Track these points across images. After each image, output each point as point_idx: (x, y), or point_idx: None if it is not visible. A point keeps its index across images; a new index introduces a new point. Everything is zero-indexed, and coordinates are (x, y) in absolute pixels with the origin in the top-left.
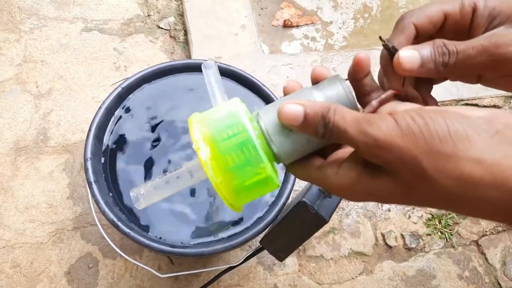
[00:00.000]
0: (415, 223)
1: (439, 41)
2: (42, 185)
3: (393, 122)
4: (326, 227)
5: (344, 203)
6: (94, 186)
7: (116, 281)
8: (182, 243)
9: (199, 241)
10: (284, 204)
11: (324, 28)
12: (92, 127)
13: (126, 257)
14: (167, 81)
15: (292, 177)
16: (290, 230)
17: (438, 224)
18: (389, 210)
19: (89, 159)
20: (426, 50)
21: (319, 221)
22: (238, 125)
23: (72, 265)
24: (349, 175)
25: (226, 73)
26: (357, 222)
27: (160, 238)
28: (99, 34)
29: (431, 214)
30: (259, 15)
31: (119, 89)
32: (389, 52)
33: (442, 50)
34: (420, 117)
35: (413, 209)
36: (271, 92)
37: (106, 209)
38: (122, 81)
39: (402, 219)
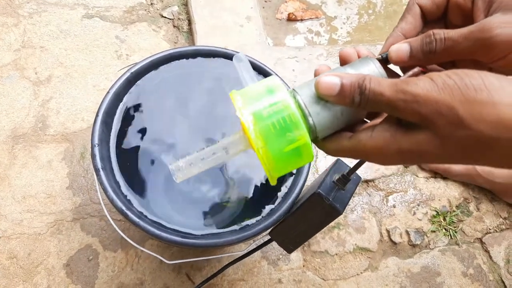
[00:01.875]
0: (420, 219)
1: (429, 32)
2: (40, 174)
3: (430, 80)
4: (331, 223)
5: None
6: (102, 173)
7: (117, 274)
8: (191, 234)
9: (209, 232)
10: (298, 194)
11: (328, 23)
12: (99, 112)
13: (136, 245)
14: (176, 67)
15: (305, 169)
16: (302, 222)
17: (443, 221)
18: (394, 206)
19: (96, 145)
20: (416, 41)
21: (333, 213)
22: (278, 95)
23: (71, 257)
24: (384, 135)
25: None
26: (362, 217)
27: (171, 229)
28: (101, 21)
29: (436, 211)
30: (263, 7)
31: (128, 74)
32: (383, 60)
33: (429, 39)
34: (455, 74)
35: (418, 205)
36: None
37: (115, 197)
38: (132, 65)
39: (407, 215)
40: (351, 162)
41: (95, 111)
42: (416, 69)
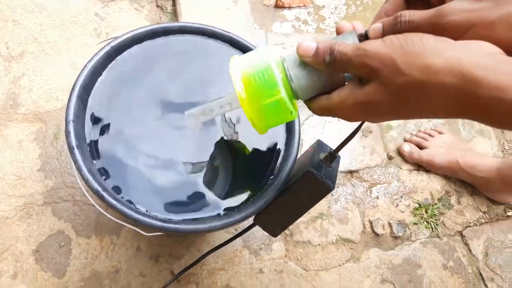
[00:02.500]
0: (403, 211)
1: (397, 13)
2: (9, 154)
3: (380, 40)
4: (314, 213)
5: None
6: (76, 151)
7: (90, 262)
8: (169, 218)
9: (190, 217)
10: (288, 174)
11: (316, 12)
12: (75, 87)
13: (134, 228)
14: (159, 43)
15: (294, 149)
16: (291, 203)
17: (424, 213)
18: (377, 198)
19: (71, 121)
20: (387, 21)
21: (325, 190)
22: (263, 57)
23: (41, 243)
24: (346, 91)
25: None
26: (345, 208)
27: (147, 210)
28: None
29: (418, 204)
30: None
31: (108, 47)
32: (364, 35)
33: (395, 21)
34: (401, 34)
35: (401, 197)
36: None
37: (90, 178)
38: (112, 39)
39: (390, 207)
40: (331, 143)
41: (70, 90)
42: None
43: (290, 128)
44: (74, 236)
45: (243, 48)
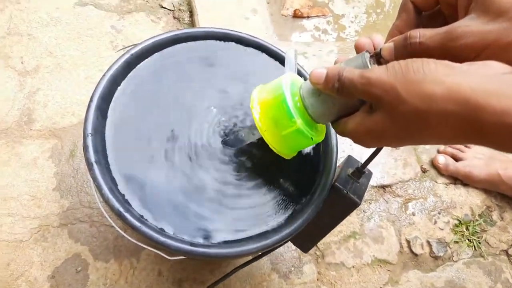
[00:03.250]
0: (442, 229)
1: (406, 34)
2: (24, 173)
3: (384, 67)
4: (346, 231)
5: (365, 204)
6: (95, 167)
7: (109, 287)
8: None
9: (222, 239)
10: (327, 192)
11: (336, 21)
12: (94, 97)
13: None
14: (183, 50)
15: (332, 167)
16: (321, 217)
17: (465, 231)
18: (413, 214)
19: (89, 135)
20: (398, 42)
21: (351, 205)
22: (279, 88)
23: (57, 268)
24: (357, 119)
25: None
26: (379, 226)
27: (174, 233)
28: (95, 9)
29: (458, 220)
30: (268, 3)
31: (127, 55)
32: (379, 54)
33: (405, 42)
34: (404, 61)
35: (439, 213)
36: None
37: (111, 196)
38: (131, 46)
39: (427, 224)
40: (361, 157)
41: (87, 105)
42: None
43: (326, 147)
44: (91, 260)
45: (272, 54)
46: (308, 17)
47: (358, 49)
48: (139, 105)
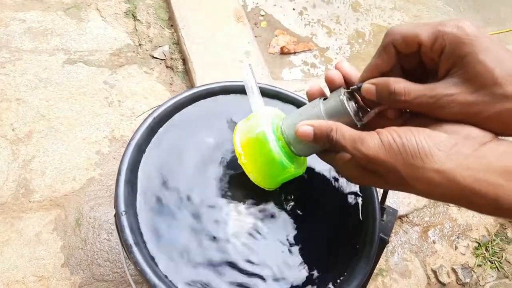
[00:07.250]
0: (463, 254)
1: (392, 88)
2: (27, 252)
3: (379, 140)
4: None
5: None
6: (135, 249)
7: None
8: None
9: None
10: (375, 252)
11: (322, 54)
12: (122, 170)
13: None
14: (204, 107)
15: (376, 224)
16: None
17: (485, 252)
18: (434, 242)
19: (123, 213)
20: (381, 87)
21: (382, 245)
22: (258, 126)
23: None
24: (354, 171)
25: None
26: (404, 259)
27: None
28: (85, 66)
29: (477, 242)
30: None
31: (150, 120)
32: (358, 88)
33: (389, 94)
34: (398, 136)
35: (458, 238)
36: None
37: (157, 281)
38: (154, 109)
39: (449, 250)
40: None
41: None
42: (376, 110)
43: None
44: None
45: (291, 102)
46: (295, 52)
47: (329, 84)
48: (166, 172)
